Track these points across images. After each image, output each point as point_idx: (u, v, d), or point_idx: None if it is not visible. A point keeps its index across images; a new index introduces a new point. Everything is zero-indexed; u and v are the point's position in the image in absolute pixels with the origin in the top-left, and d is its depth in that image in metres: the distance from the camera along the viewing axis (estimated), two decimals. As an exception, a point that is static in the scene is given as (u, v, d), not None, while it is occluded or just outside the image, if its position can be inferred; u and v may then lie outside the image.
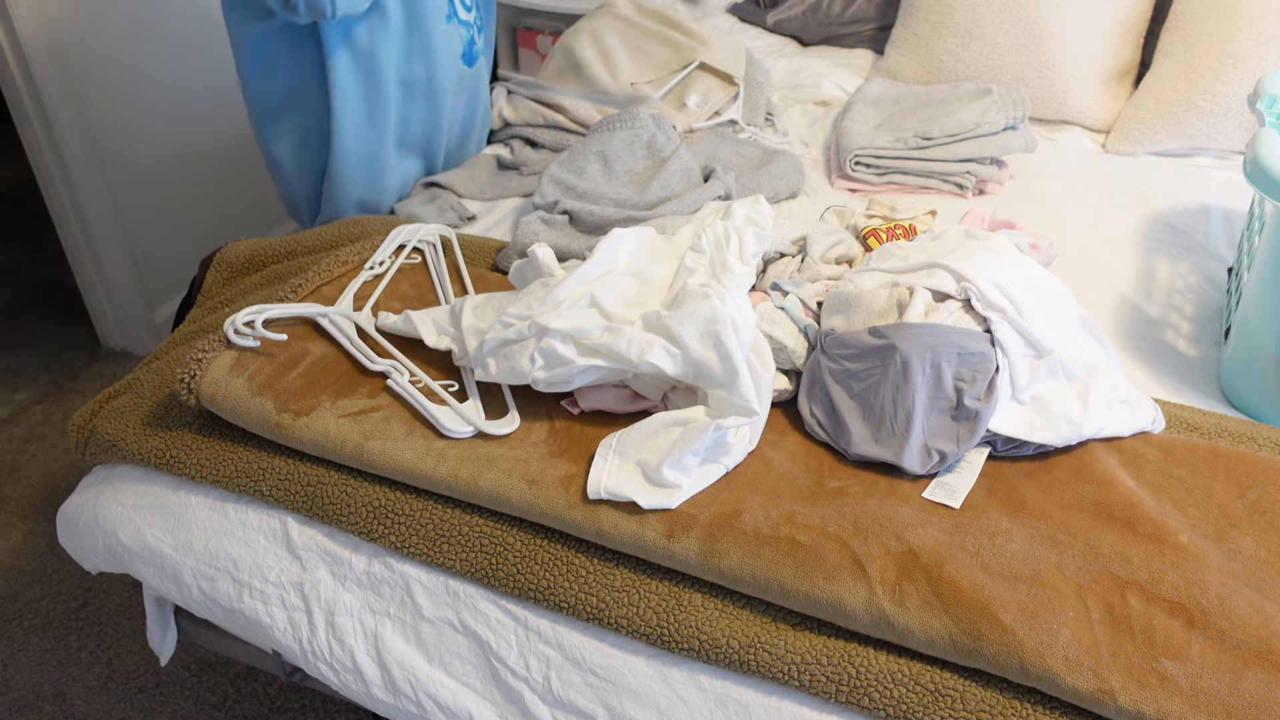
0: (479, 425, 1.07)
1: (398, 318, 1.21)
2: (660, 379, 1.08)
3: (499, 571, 1.01)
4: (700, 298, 1.05)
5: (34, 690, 1.67)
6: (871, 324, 1.07)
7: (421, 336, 1.17)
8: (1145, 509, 0.96)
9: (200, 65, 2.37)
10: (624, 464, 1.01)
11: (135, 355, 2.44)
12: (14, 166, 3.15)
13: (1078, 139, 1.94)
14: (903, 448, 1.01)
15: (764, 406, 1.04)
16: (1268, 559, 0.93)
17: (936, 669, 0.89)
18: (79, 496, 1.21)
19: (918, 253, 1.15)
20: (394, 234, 1.38)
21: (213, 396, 1.12)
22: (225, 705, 1.64)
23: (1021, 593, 0.89)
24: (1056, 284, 1.12)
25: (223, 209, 2.54)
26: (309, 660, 1.09)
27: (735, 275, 1.11)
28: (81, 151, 2.14)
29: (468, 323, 1.14)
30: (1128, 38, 1.97)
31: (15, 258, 2.82)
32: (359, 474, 1.10)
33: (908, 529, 0.94)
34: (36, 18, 1.98)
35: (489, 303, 1.17)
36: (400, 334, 1.21)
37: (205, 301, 1.42)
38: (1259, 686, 0.81)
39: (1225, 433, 1.10)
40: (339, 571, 1.08)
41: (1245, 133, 1.79)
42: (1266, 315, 1.15)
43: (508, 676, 1.00)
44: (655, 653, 0.97)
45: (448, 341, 1.16)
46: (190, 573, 1.13)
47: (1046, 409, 1.05)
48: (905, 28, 2.08)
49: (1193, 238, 1.57)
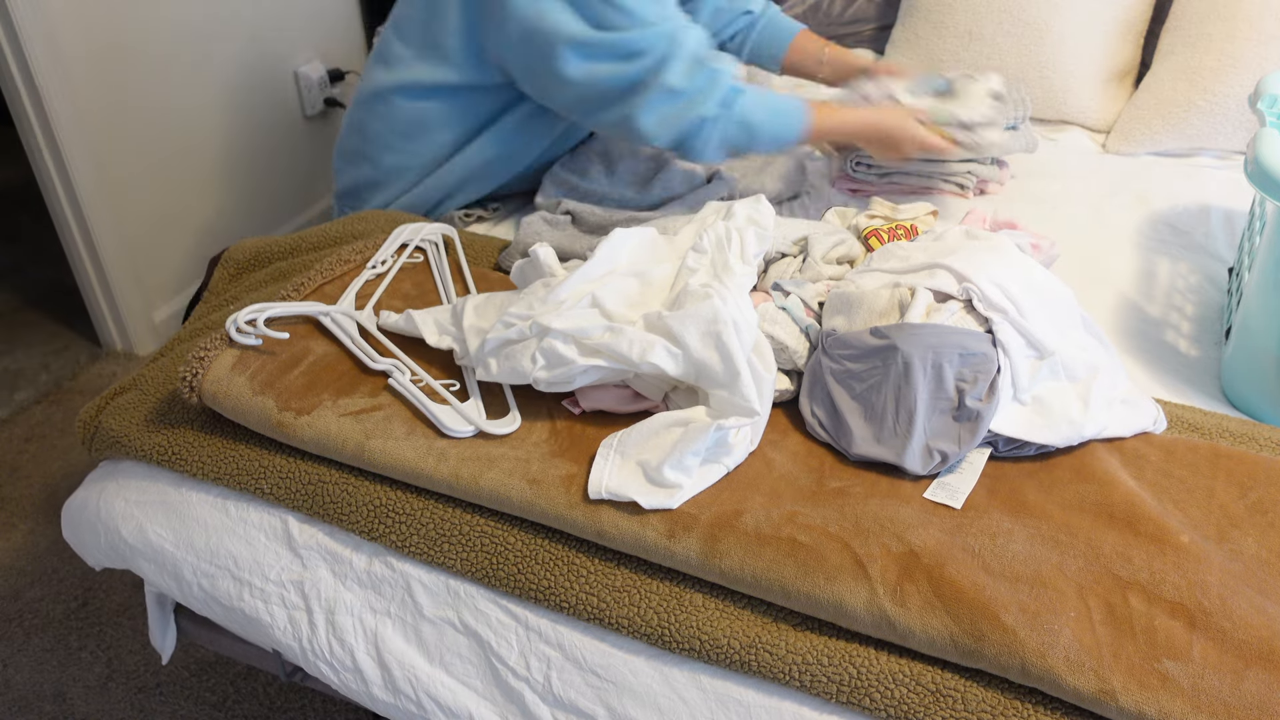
0: (480, 425, 1.07)
1: (399, 317, 1.21)
2: (662, 379, 1.08)
3: (500, 571, 1.01)
4: (701, 298, 1.05)
5: (34, 690, 1.67)
6: (873, 324, 1.07)
7: (423, 336, 1.17)
8: (1146, 509, 0.96)
9: (201, 65, 2.37)
10: (625, 464, 1.01)
11: (135, 355, 2.44)
12: (14, 166, 3.15)
13: (1078, 139, 1.94)
14: (904, 448, 1.01)
15: (765, 407, 1.04)
16: (1269, 559, 0.93)
17: (937, 669, 0.89)
18: (83, 492, 1.21)
19: (919, 253, 1.15)
20: (396, 233, 1.38)
21: (214, 394, 1.12)
22: (225, 705, 1.64)
23: (1023, 593, 0.89)
24: (1058, 284, 1.12)
25: (223, 209, 2.54)
26: (309, 659, 1.09)
27: (737, 275, 1.11)
28: (81, 151, 2.14)
29: (469, 322, 1.14)
30: (1128, 38, 1.97)
31: (15, 258, 2.82)
32: (360, 473, 1.10)
33: (909, 529, 0.94)
34: (36, 18, 1.98)
35: (490, 302, 1.17)
36: (402, 333, 1.21)
37: (211, 299, 1.42)
38: (1261, 687, 0.81)
39: (1226, 433, 1.10)
40: (339, 570, 1.08)
41: (1246, 133, 1.79)
42: (1267, 315, 1.15)
43: (508, 676, 1.00)
44: (656, 653, 0.97)
45: (449, 341, 1.16)
46: (191, 570, 1.13)
47: (1048, 409, 1.05)
48: (905, 28, 2.08)
49: (1193, 238, 1.57)
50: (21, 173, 3.08)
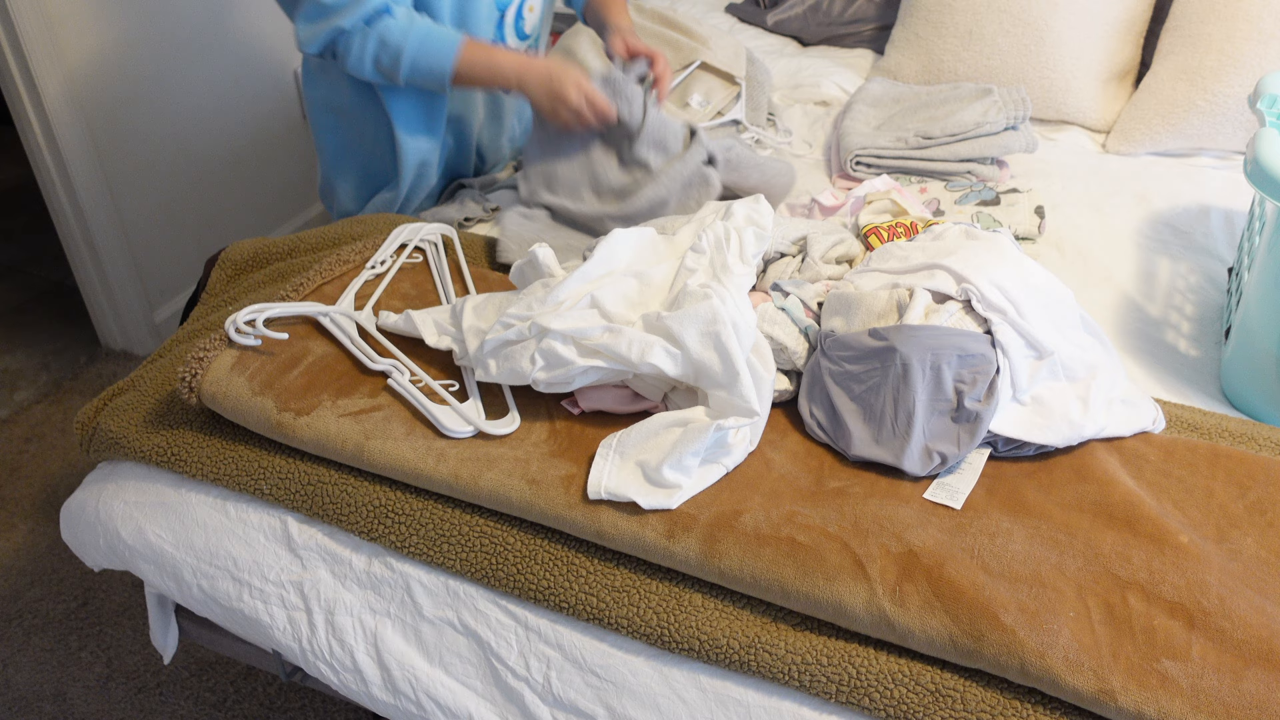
0: (479, 425, 1.07)
1: (399, 317, 1.21)
2: (660, 380, 1.08)
3: (499, 571, 1.01)
4: (701, 298, 1.05)
5: (34, 690, 1.67)
6: (871, 325, 1.07)
7: (422, 336, 1.17)
8: (1146, 509, 0.96)
9: (201, 65, 2.37)
10: (624, 464, 1.01)
11: (135, 355, 2.44)
12: (14, 166, 3.15)
13: (1078, 139, 1.94)
14: (903, 450, 1.01)
15: (764, 407, 1.04)
16: (1268, 559, 0.93)
17: (937, 669, 0.89)
18: (82, 493, 1.21)
19: (918, 253, 1.15)
20: (395, 233, 1.38)
21: (214, 395, 1.12)
22: (225, 705, 1.64)
23: (1022, 593, 0.89)
24: (1057, 284, 1.12)
25: (223, 209, 2.54)
26: (309, 660, 1.09)
27: (736, 276, 1.11)
28: (81, 151, 2.14)
29: (468, 323, 1.14)
30: (1128, 38, 1.97)
31: (15, 258, 2.82)
32: (359, 473, 1.10)
33: (908, 529, 0.94)
34: (36, 18, 1.98)
35: (490, 302, 1.17)
36: (401, 334, 1.21)
37: (209, 300, 1.42)
38: (1260, 687, 0.81)
39: (1226, 433, 1.10)
40: (339, 571, 1.08)
41: (1246, 133, 1.79)
42: (1267, 315, 1.15)
43: (508, 676, 1.00)
44: (655, 653, 0.97)
45: (448, 341, 1.16)
46: (190, 571, 1.13)
47: (1047, 409, 1.05)
48: (905, 28, 2.08)
49: (1193, 238, 1.56)
50: (21, 173, 3.08)
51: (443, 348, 1.16)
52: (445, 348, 1.16)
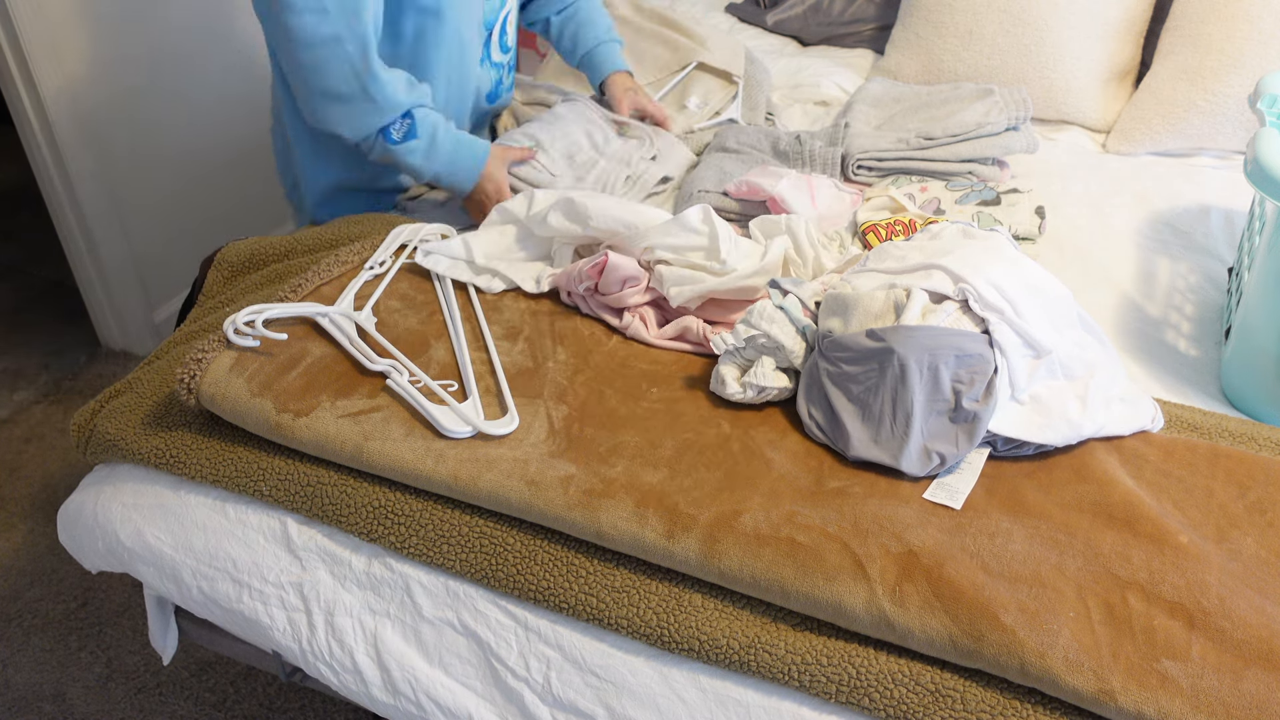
0: (478, 425, 1.07)
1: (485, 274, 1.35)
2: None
3: (499, 572, 1.01)
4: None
5: (34, 690, 1.67)
6: (869, 326, 1.07)
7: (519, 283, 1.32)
8: (1145, 509, 0.96)
9: (200, 65, 2.37)
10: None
11: (135, 355, 2.44)
12: (14, 166, 3.15)
13: (1078, 139, 1.93)
14: (902, 450, 1.01)
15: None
16: (1268, 559, 0.93)
17: (937, 669, 0.89)
18: (79, 495, 1.21)
19: (915, 253, 1.15)
20: (394, 233, 1.38)
21: (212, 396, 1.12)
22: (225, 705, 1.64)
23: (1022, 593, 0.89)
24: (1054, 283, 1.11)
25: (223, 209, 2.54)
26: (309, 660, 1.09)
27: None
28: (81, 151, 2.14)
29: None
30: (1128, 38, 1.97)
31: (15, 258, 2.82)
32: (359, 474, 1.10)
33: (908, 529, 0.94)
34: (36, 18, 1.98)
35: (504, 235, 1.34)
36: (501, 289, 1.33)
37: (206, 301, 1.42)
38: (1260, 687, 0.81)
39: (1226, 433, 1.10)
40: (339, 572, 1.08)
41: (1246, 133, 1.79)
42: (1267, 315, 1.15)
43: (508, 677, 1.00)
44: (655, 653, 0.97)
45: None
46: (190, 573, 1.13)
47: (1046, 409, 1.05)
48: (905, 28, 2.07)
49: (1193, 238, 1.56)
50: (21, 173, 3.08)
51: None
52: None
